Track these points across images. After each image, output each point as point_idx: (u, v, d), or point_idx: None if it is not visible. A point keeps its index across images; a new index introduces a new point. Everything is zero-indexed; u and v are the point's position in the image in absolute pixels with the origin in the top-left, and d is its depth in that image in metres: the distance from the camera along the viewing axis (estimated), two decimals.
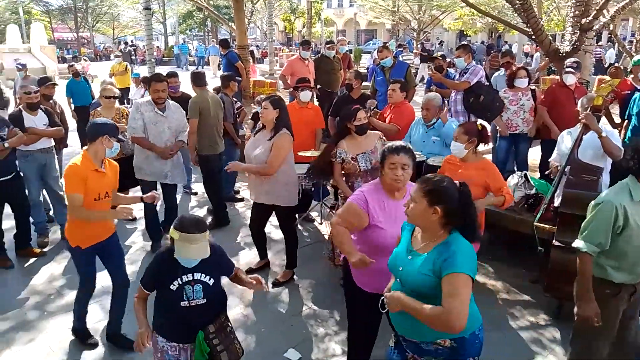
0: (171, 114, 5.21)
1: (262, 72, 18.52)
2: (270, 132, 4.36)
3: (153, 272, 2.66)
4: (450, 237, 2.23)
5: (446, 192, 2.22)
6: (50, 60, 21.13)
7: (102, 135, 3.42)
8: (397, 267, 2.34)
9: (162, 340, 2.70)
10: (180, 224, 2.51)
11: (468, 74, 5.87)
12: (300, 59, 8.42)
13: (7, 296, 4.47)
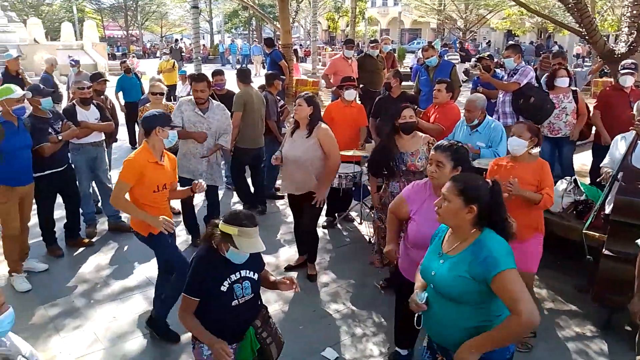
0: (212, 116, 5.15)
1: (304, 71, 18.58)
2: (306, 128, 4.39)
3: (200, 277, 2.53)
4: (482, 235, 2.20)
5: (480, 190, 2.21)
6: (101, 57, 21.88)
7: (154, 127, 3.51)
8: (429, 273, 2.31)
9: (207, 349, 2.59)
10: (238, 219, 2.47)
11: (518, 75, 5.71)
12: (343, 58, 8.40)
13: (56, 284, 4.65)
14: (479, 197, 2.19)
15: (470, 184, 2.23)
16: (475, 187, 2.22)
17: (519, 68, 5.78)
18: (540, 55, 14.48)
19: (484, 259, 2.10)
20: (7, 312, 2.06)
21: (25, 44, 19.69)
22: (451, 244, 2.29)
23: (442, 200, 2.27)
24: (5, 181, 4.32)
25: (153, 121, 3.54)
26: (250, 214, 2.56)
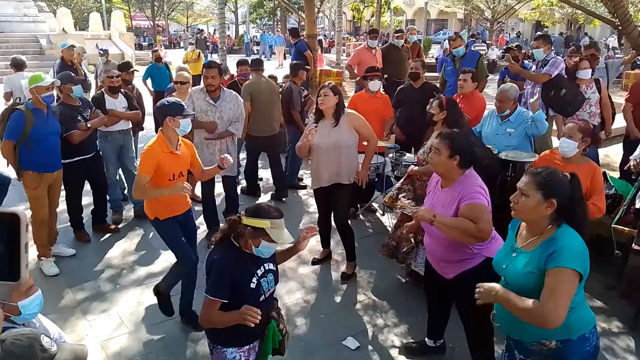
0: (224, 104, 5.07)
1: (329, 61, 18.52)
2: (332, 117, 4.31)
3: (228, 278, 2.42)
4: (559, 232, 2.15)
5: (561, 185, 2.16)
6: (128, 47, 22.16)
7: (165, 117, 3.51)
8: (501, 266, 2.31)
9: (232, 352, 2.53)
10: (267, 212, 2.43)
11: (549, 66, 5.59)
12: (367, 48, 8.33)
13: (84, 268, 4.76)
14: (558, 191, 2.14)
15: (550, 177, 2.17)
16: (555, 181, 2.16)
17: (548, 59, 5.67)
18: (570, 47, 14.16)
19: (552, 253, 2.07)
20: (35, 294, 2.08)
21: (54, 34, 20.09)
22: (525, 239, 2.26)
23: (518, 195, 2.21)
24: (35, 167, 4.43)
25: (164, 111, 3.53)
26: (275, 206, 2.52)
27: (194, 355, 3.57)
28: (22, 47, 19.51)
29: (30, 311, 2.04)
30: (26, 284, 2.05)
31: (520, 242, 2.28)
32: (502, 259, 2.33)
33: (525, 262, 2.17)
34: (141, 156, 3.52)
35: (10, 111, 4.35)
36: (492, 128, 4.82)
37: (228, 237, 2.50)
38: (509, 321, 2.26)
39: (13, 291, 2.01)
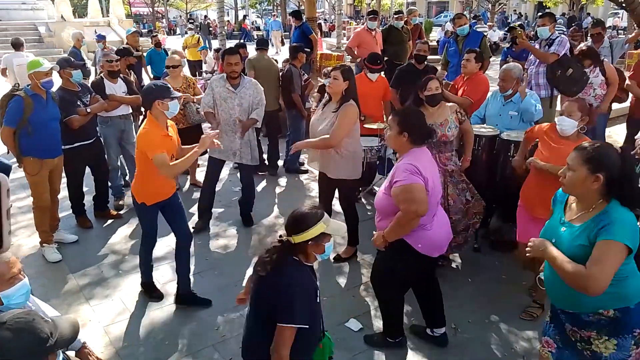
0: (244, 91, 4.95)
1: (329, 45, 18.34)
2: (337, 103, 4.17)
3: (308, 300, 2.25)
4: (610, 206, 2.15)
5: (609, 159, 2.14)
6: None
7: (153, 101, 3.47)
8: (550, 239, 2.29)
9: None
10: (315, 215, 2.28)
11: (556, 46, 5.49)
12: (367, 30, 8.23)
13: (86, 254, 4.77)
14: (606, 166, 2.13)
15: (597, 152, 2.16)
16: (602, 155, 2.15)
17: (553, 38, 5.57)
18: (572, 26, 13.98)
19: (603, 226, 2.08)
20: (20, 283, 2.04)
21: (53, 21, 19.96)
22: (575, 213, 2.26)
23: (566, 169, 2.23)
24: (35, 153, 4.41)
25: (152, 94, 3.49)
26: (309, 207, 2.36)
27: (196, 338, 3.58)
28: (21, 36, 19.30)
29: (15, 301, 2.00)
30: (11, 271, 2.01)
31: (569, 216, 2.29)
32: (549, 232, 2.33)
33: (575, 235, 2.18)
34: (144, 140, 3.46)
35: (9, 97, 4.32)
36: (494, 109, 4.77)
37: (292, 256, 2.29)
38: (562, 295, 2.29)
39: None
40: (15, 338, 1.55)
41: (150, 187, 3.67)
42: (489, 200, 4.58)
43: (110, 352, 3.44)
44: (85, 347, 2.39)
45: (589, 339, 2.27)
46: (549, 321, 2.50)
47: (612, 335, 2.21)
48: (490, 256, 4.57)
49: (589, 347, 2.28)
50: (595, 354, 2.26)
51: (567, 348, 2.39)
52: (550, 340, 2.48)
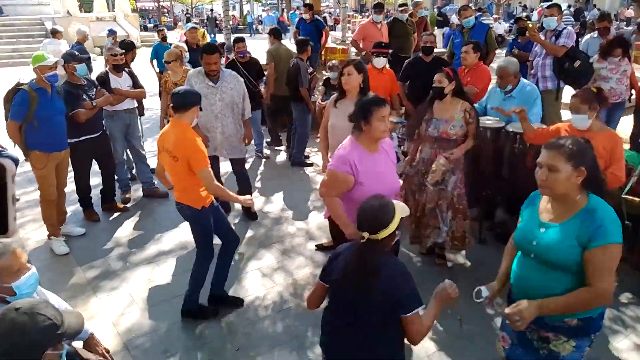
0: (225, 85, 4.79)
1: (334, 39, 18.27)
2: (357, 97, 3.91)
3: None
4: (593, 203, 2.11)
5: (587, 152, 2.12)
6: (133, 28, 22.04)
7: (193, 106, 3.40)
8: (529, 243, 2.21)
9: None
10: (387, 205, 2.18)
11: (564, 38, 5.42)
12: (372, 23, 8.19)
13: (93, 247, 4.80)
14: (587, 158, 2.10)
15: (577, 147, 2.10)
16: (582, 149, 2.11)
17: (559, 29, 5.51)
18: (580, 19, 13.86)
19: (597, 227, 2.02)
20: (29, 273, 2.08)
21: (59, 16, 20.00)
22: (552, 213, 2.20)
23: (545, 171, 2.12)
24: (41, 147, 4.43)
25: (194, 97, 3.43)
26: (372, 197, 2.25)
27: (204, 330, 3.60)
28: (28, 31, 19.51)
29: (25, 291, 2.04)
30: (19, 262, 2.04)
31: (546, 217, 2.21)
32: (528, 235, 2.23)
33: (561, 236, 2.10)
34: (194, 149, 3.31)
35: (14, 91, 4.34)
36: (496, 102, 4.73)
37: (380, 255, 2.19)
38: (528, 295, 2.19)
39: (4, 273, 2.01)
40: (32, 322, 1.60)
41: (200, 188, 3.50)
42: (494, 192, 4.58)
43: (118, 344, 3.47)
44: (92, 337, 2.41)
45: (547, 339, 2.26)
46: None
47: (571, 338, 2.21)
48: (496, 248, 4.56)
49: (547, 346, 2.26)
50: (553, 353, 2.25)
51: (521, 346, 2.37)
52: (507, 337, 2.47)
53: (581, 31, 10.96)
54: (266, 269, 4.39)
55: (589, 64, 5.38)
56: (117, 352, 3.36)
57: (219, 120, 4.86)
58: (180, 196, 3.53)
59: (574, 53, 5.35)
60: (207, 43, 4.60)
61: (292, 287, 4.12)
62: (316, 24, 9.61)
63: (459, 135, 3.95)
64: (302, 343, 3.45)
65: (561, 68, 5.40)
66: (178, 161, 3.34)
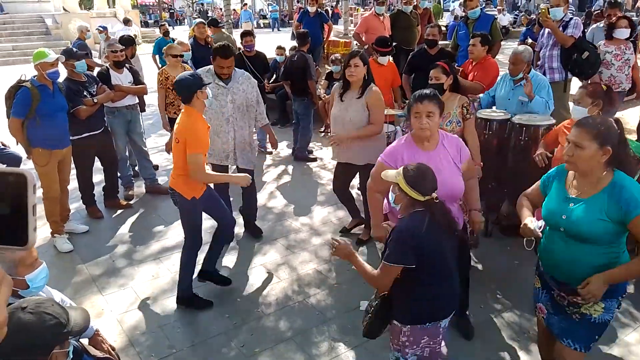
0: (236, 85, 4.37)
1: (336, 32, 18.19)
2: (359, 89, 4.13)
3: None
4: (616, 177, 2.22)
5: (613, 130, 2.21)
6: (134, 24, 21.98)
7: (196, 92, 3.37)
8: (559, 217, 2.31)
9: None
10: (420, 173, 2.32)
11: (572, 28, 5.32)
12: (374, 15, 8.14)
13: (97, 244, 4.78)
14: (613, 137, 2.18)
15: (602, 126, 2.19)
16: (607, 128, 2.20)
17: (566, 19, 5.41)
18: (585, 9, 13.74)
19: (626, 200, 2.13)
20: (41, 267, 2.12)
21: (59, 13, 19.97)
22: (580, 188, 2.29)
23: (572, 148, 2.21)
24: (43, 144, 4.41)
25: (192, 85, 3.37)
26: (424, 165, 2.40)
27: (208, 326, 3.59)
28: (28, 28, 19.48)
29: (38, 284, 2.06)
30: (32, 255, 2.06)
31: (574, 192, 2.30)
32: (556, 210, 2.33)
33: (590, 210, 2.20)
34: (190, 134, 3.32)
35: (16, 88, 4.32)
36: (504, 92, 4.69)
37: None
38: (557, 266, 2.39)
39: (19, 265, 2.02)
40: (39, 321, 1.59)
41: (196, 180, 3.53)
42: (499, 184, 4.54)
43: (123, 341, 3.46)
44: (98, 334, 2.40)
45: (577, 303, 2.37)
46: (541, 287, 2.59)
47: (600, 300, 2.30)
48: (502, 241, 4.53)
49: (578, 310, 2.38)
50: (585, 316, 2.36)
51: (556, 313, 2.49)
52: (542, 307, 2.59)
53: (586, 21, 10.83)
54: (270, 264, 4.37)
55: (597, 55, 5.31)
56: (122, 348, 3.35)
57: (231, 125, 4.38)
58: (174, 182, 3.56)
59: (582, 44, 5.28)
60: (222, 45, 4.23)
61: (297, 282, 4.10)
62: (320, 18, 9.54)
63: (455, 132, 3.79)
64: (306, 339, 3.43)
65: (568, 59, 5.32)
66: (179, 143, 3.38)
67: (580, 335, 2.41)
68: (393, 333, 2.49)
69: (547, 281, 2.50)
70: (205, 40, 7.66)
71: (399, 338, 2.43)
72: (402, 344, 2.43)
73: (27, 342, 1.57)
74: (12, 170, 0.86)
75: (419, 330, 2.40)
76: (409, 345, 2.42)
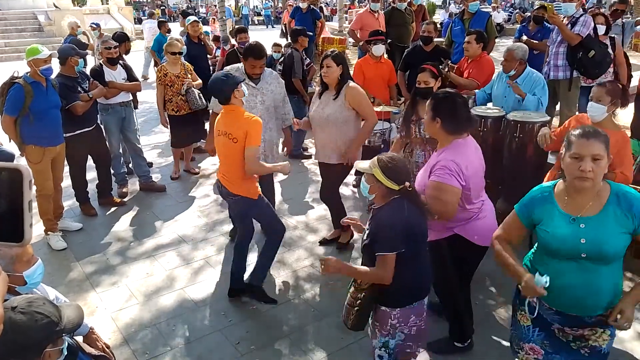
0: (265, 86, 4.25)
1: (331, 29, 18.18)
2: (334, 89, 4.05)
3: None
4: (615, 187, 2.09)
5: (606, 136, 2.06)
6: (127, 20, 21.85)
7: (233, 92, 3.31)
8: (577, 242, 2.05)
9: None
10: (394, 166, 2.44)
11: (580, 26, 5.23)
12: (369, 12, 8.13)
13: (91, 242, 4.76)
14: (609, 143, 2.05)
15: (604, 134, 2.05)
16: (606, 136, 2.06)
17: (576, 16, 5.33)
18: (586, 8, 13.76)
19: (638, 208, 2.02)
20: (37, 263, 2.11)
21: (52, 10, 19.82)
22: (581, 206, 2.08)
23: (589, 163, 1.98)
24: (37, 141, 4.38)
25: (228, 85, 3.30)
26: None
27: (203, 324, 3.58)
28: (21, 25, 19.30)
29: (34, 280, 2.06)
30: (28, 252, 2.04)
31: (576, 212, 2.08)
32: (571, 235, 2.07)
33: (607, 226, 2.03)
34: (252, 126, 3.29)
35: (9, 85, 4.28)
36: (499, 90, 4.69)
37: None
38: (570, 300, 2.13)
39: (17, 262, 2.00)
40: (30, 321, 1.57)
41: (254, 179, 3.50)
42: (494, 182, 4.54)
43: (118, 338, 3.44)
44: (92, 332, 2.39)
45: (583, 337, 2.19)
46: (531, 326, 2.32)
47: (606, 327, 2.16)
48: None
49: (587, 344, 2.20)
50: (595, 348, 2.19)
51: (558, 352, 2.27)
52: (537, 347, 2.33)
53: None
54: None
55: (605, 54, 5.25)
56: (117, 346, 3.33)
57: (265, 128, 4.18)
58: (236, 188, 3.47)
59: (589, 43, 5.22)
60: (254, 45, 4.12)
61: (292, 280, 4.09)
62: (312, 14, 9.51)
63: None
64: (302, 336, 3.43)
65: (574, 57, 5.28)
66: (237, 143, 3.29)
67: None
68: (380, 320, 2.53)
69: (547, 318, 2.25)
70: (199, 38, 7.61)
71: (388, 323, 2.49)
72: (391, 327, 2.49)
73: (18, 342, 1.54)
74: (7, 166, 0.85)
75: (408, 310, 2.48)
76: (398, 327, 2.50)
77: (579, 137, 2.04)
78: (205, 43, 7.72)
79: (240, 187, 3.46)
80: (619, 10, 6.60)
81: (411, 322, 2.50)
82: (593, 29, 5.36)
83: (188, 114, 5.76)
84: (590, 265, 2.07)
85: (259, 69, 4.20)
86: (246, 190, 3.47)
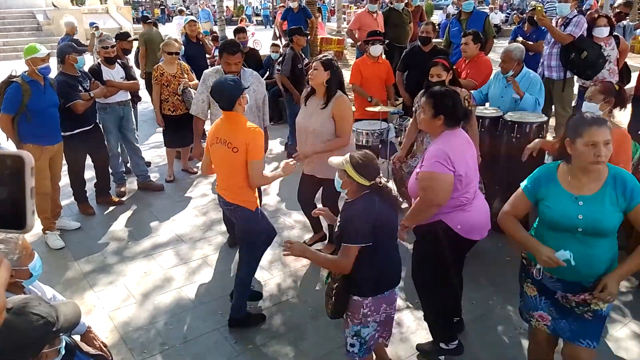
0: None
1: (330, 30, 18.22)
2: (323, 97, 3.85)
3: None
4: (613, 170, 2.29)
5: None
6: (126, 20, 21.83)
7: (239, 98, 3.16)
8: (575, 218, 2.28)
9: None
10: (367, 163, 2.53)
11: (572, 27, 5.29)
12: (367, 12, 8.15)
13: (89, 241, 4.76)
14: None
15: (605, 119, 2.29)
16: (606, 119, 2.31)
17: (570, 17, 5.37)
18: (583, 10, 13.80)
19: (631, 189, 2.22)
20: (36, 256, 2.16)
21: (51, 9, 19.81)
22: (582, 185, 2.30)
23: (603, 149, 2.19)
24: (34, 140, 4.37)
25: (235, 90, 3.14)
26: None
27: (200, 323, 3.58)
28: (19, 24, 19.29)
29: (37, 272, 2.10)
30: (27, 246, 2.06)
31: (577, 191, 2.31)
32: (570, 212, 2.30)
33: (603, 204, 2.25)
34: (257, 141, 3.14)
35: (6, 84, 4.28)
36: (496, 90, 4.71)
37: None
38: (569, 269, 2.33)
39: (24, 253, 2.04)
40: (25, 323, 1.56)
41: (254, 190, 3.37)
42: (492, 181, 4.56)
43: (115, 337, 3.44)
44: (90, 331, 2.39)
45: (585, 302, 2.38)
46: (538, 295, 2.55)
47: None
48: (493, 238, 4.54)
49: (589, 308, 2.38)
50: (597, 312, 2.38)
51: (564, 317, 2.48)
52: (545, 314, 2.56)
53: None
54: (264, 261, 4.33)
55: (599, 55, 5.28)
56: (114, 345, 3.33)
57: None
58: (234, 197, 3.31)
59: (582, 43, 5.24)
60: (228, 41, 4.01)
61: (290, 279, 4.10)
62: (304, 13, 9.60)
63: None
64: (300, 335, 3.44)
65: (567, 58, 5.30)
66: (238, 152, 3.13)
67: (595, 332, 2.44)
68: (352, 309, 2.59)
69: (550, 286, 2.47)
70: (197, 38, 7.61)
71: (360, 312, 2.56)
72: (363, 316, 2.57)
73: (14, 344, 1.54)
74: (9, 152, 0.85)
75: (380, 299, 2.57)
76: (370, 315, 2.57)
77: (590, 125, 2.22)
78: (203, 43, 7.73)
79: (237, 196, 3.30)
80: (623, 13, 6.62)
81: (382, 310, 2.61)
82: (587, 29, 5.40)
83: (184, 114, 5.77)
84: (585, 238, 2.29)
85: (234, 67, 4.12)
86: (244, 200, 3.31)
